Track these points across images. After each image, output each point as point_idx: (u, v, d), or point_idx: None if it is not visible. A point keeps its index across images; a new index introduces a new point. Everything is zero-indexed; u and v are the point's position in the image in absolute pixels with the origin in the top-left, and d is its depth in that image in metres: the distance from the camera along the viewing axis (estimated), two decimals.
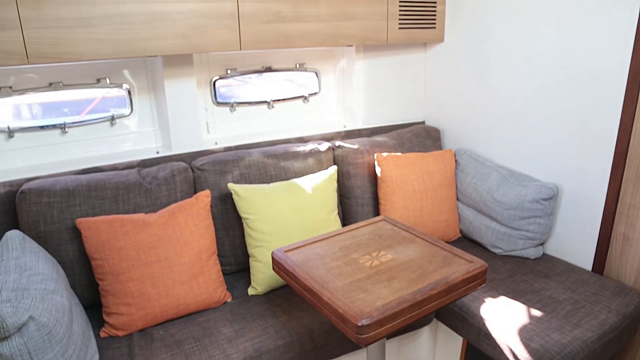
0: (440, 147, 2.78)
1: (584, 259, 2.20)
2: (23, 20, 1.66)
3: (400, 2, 2.48)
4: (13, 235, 1.61)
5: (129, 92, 2.26)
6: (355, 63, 2.68)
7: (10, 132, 2.05)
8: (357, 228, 1.85)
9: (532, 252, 2.26)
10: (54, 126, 2.14)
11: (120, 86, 2.24)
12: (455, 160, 2.57)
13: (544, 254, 2.31)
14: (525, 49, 2.31)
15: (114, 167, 2.11)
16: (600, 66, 2.01)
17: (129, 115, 2.29)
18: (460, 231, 2.52)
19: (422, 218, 2.36)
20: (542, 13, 2.20)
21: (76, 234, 1.83)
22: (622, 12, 1.91)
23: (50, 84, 2.10)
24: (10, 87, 2.02)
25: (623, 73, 1.94)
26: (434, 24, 2.67)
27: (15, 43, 1.66)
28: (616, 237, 2.06)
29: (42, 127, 2.12)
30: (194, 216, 1.89)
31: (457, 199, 2.53)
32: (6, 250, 1.51)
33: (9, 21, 1.64)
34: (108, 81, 2.20)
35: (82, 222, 1.76)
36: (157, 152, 2.25)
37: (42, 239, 1.80)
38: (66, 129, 2.16)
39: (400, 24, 2.51)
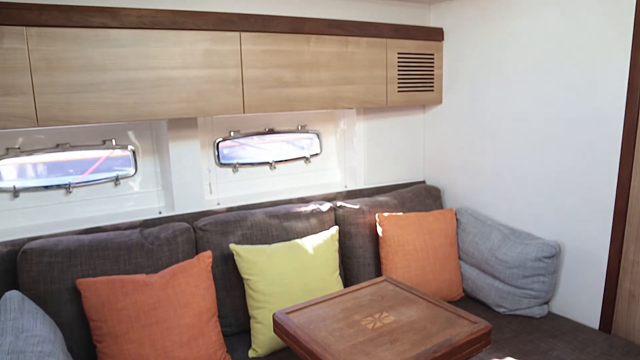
0: (441, 206, 2.79)
1: (591, 317, 2.16)
2: (36, 86, 1.73)
3: (398, 66, 2.58)
4: (12, 295, 1.60)
5: (134, 153, 2.31)
6: (356, 124, 2.75)
7: (15, 192, 2.08)
8: (359, 289, 1.84)
9: (537, 311, 2.22)
10: (58, 186, 2.17)
11: (125, 147, 2.29)
12: (457, 219, 2.58)
13: (549, 313, 2.27)
14: (521, 109, 2.37)
15: (116, 227, 2.12)
16: (595, 124, 2.06)
17: (133, 175, 2.33)
18: (463, 290, 2.49)
19: (424, 278, 2.34)
20: (535, 74, 2.28)
21: (76, 294, 1.81)
22: (612, 71, 1.98)
23: (58, 145, 2.15)
24: (18, 148, 2.07)
25: (617, 131, 1.98)
26: (432, 86, 2.76)
27: (27, 107, 1.73)
28: (622, 295, 2.04)
29: (46, 187, 2.15)
30: (195, 277, 1.88)
31: (459, 258, 2.52)
32: (4, 311, 1.50)
33: (22, 87, 1.71)
34: (114, 142, 2.26)
35: (83, 283, 1.75)
36: (160, 212, 2.26)
37: (42, 299, 1.78)
38: (71, 189, 2.19)
39: (399, 87, 2.60)
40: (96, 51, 1.81)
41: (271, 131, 2.67)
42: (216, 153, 2.51)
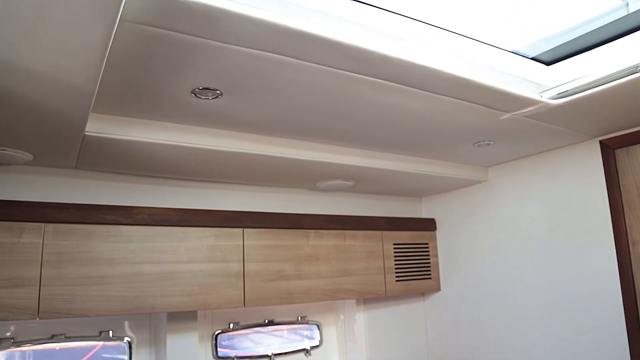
0: None
1: None
2: (43, 279, 1.77)
3: (395, 256, 2.66)
4: None
5: (130, 345, 2.26)
6: (356, 314, 2.73)
7: None
8: None
9: None
10: None
11: (121, 339, 2.25)
12: None
13: None
14: (518, 293, 2.38)
15: None
16: (594, 305, 2.05)
17: None
18: None
19: None
20: (527, 259, 2.35)
21: None
22: (601, 256, 2.03)
23: (53, 336, 2.11)
24: (12, 339, 2.03)
25: (619, 312, 1.96)
26: (429, 274, 2.81)
27: (30, 299, 1.74)
28: None
29: None
30: None
31: None
32: None
33: (30, 279, 1.75)
34: (111, 334, 2.22)
35: None
36: None
37: None
38: None
39: (397, 277, 2.65)
40: (106, 246, 1.90)
41: (271, 322, 2.64)
42: (214, 345, 2.45)
